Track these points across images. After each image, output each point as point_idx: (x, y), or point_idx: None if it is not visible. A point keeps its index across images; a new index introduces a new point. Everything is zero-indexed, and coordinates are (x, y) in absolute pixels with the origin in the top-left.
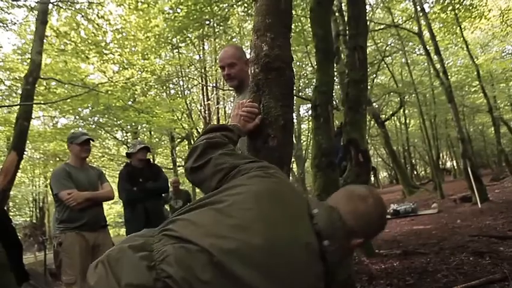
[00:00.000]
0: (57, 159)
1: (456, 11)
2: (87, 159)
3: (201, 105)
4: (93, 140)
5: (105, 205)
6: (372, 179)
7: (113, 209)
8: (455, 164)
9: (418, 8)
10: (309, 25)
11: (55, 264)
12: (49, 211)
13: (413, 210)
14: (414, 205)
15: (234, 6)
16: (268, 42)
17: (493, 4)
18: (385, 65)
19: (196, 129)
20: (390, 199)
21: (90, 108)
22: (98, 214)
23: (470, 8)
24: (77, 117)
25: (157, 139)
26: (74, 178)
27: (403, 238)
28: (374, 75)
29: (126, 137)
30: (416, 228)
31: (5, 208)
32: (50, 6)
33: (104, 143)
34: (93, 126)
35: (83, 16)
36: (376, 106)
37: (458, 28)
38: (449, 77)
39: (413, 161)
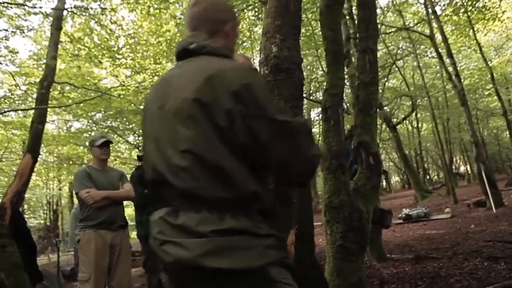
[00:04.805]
0: (71, 162)
1: (469, 13)
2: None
3: None
4: (111, 142)
5: None
6: (384, 183)
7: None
8: (468, 168)
9: (430, 11)
10: (319, 28)
11: (74, 262)
12: (62, 213)
13: (426, 215)
14: (427, 210)
15: (245, 10)
16: (277, 44)
17: (507, 6)
18: (396, 69)
19: None
20: (402, 203)
21: (103, 112)
22: (116, 213)
23: (484, 10)
24: (90, 121)
25: None
26: (94, 179)
27: (415, 243)
28: (385, 79)
29: (138, 141)
30: (428, 233)
31: (20, 210)
32: (65, 12)
33: (116, 146)
34: (106, 130)
35: (96, 22)
36: (388, 110)
37: (471, 30)
38: (462, 80)
39: (425, 165)
